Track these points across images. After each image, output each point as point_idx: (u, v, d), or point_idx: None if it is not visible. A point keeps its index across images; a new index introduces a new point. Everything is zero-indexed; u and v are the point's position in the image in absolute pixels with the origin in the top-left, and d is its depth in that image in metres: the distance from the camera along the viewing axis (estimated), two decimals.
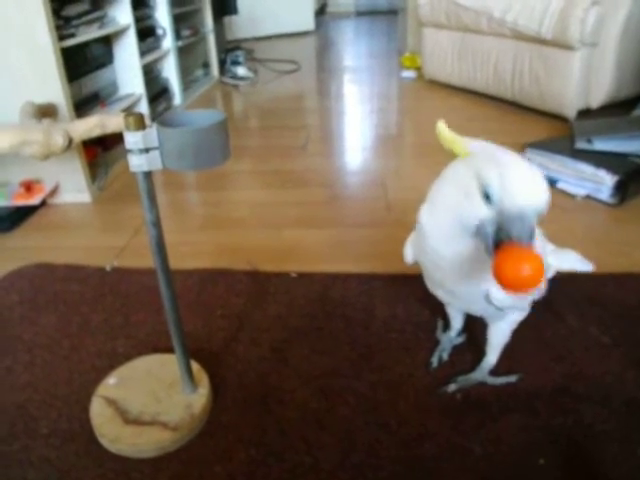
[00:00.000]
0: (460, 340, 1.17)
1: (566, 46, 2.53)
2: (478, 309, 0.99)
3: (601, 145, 1.96)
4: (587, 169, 1.86)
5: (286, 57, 4.40)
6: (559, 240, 1.17)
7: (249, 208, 1.88)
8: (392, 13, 6.72)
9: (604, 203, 1.81)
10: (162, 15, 3.00)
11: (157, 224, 0.87)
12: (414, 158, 2.40)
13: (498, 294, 0.86)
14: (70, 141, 1.54)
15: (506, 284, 0.69)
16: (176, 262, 1.50)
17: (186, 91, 3.31)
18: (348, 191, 2.00)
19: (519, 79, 2.79)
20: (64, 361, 1.17)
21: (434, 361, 1.11)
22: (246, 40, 5.28)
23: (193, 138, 0.74)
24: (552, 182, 1.93)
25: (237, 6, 4.16)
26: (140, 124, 0.74)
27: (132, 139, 0.75)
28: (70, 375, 1.13)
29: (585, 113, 2.65)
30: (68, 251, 1.63)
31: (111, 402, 1.02)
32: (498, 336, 1.03)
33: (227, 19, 4.63)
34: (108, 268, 1.53)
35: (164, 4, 2.97)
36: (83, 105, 2.19)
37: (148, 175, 0.80)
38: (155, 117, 2.76)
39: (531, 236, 0.71)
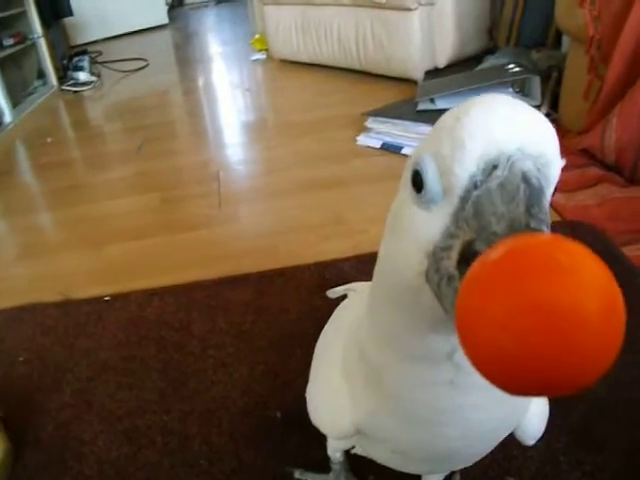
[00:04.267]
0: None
1: (403, 8, 2.46)
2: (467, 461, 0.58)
3: (443, 103, 1.91)
4: (429, 130, 1.79)
5: (139, 55, 4.14)
6: None
7: (68, 228, 1.68)
8: None
9: None
10: None
11: None
12: (255, 143, 2.30)
13: (533, 424, 0.54)
14: None
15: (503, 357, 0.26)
16: None
17: (19, 105, 3.02)
18: (180, 191, 1.83)
19: (363, 47, 2.70)
20: None
21: None
22: (95, 42, 4.96)
23: None
24: (397, 149, 1.85)
25: (71, 7, 3.85)
26: None
27: None
28: None
29: (433, 73, 2.60)
30: None
31: None
32: None
33: (69, 22, 4.32)
34: None
35: None
36: None
37: None
38: None
39: (541, 213, 0.30)
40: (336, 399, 0.54)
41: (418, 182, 0.35)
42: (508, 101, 0.34)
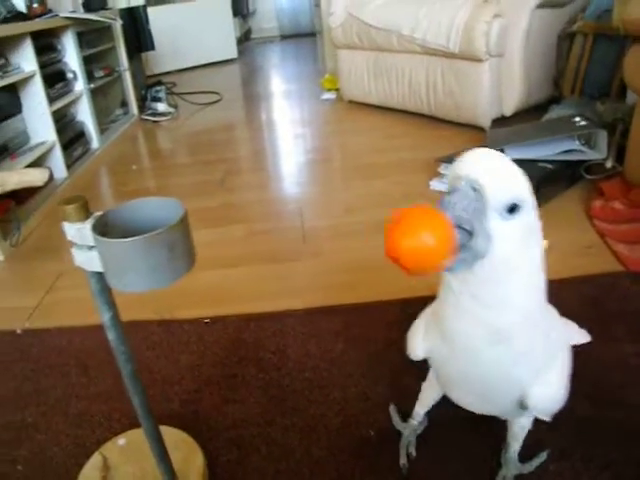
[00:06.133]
0: (424, 426, 1.00)
1: (474, 58, 2.58)
2: (504, 412, 0.85)
3: (512, 153, 1.99)
4: None
5: (210, 87, 4.37)
6: None
7: None
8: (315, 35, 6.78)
9: None
10: (71, 58, 2.93)
11: (115, 325, 0.73)
12: (331, 182, 2.41)
13: (539, 398, 0.72)
14: None
15: (392, 248, 0.57)
16: (88, 318, 1.46)
17: (104, 133, 3.25)
18: (265, 225, 1.97)
19: (433, 93, 2.84)
20: None
21: (404, 463, 0.94)
22: (169, 73, 5.24)
23: (135, 251, 0.57)
24: None
25: (153, 42, 4.11)
26: (82, 214, 0.60)
27: (70, 231, 0.62)
28: None
29: (500, 121, 2.70)
30: None
31: (104, 468, 0.97)
32: (523, 428, 0.86)
33: (147, 53, 4.58)
34: (19, 331, 1.46)
35: (72, 47, 2.91)
36: None
37: (98, 274, 0.67)
38: (71, 164, 2.69)
39: (451, 206, 0.58)
40: (416, 332, 0.82)
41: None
42: (484, 154, 0.62)
